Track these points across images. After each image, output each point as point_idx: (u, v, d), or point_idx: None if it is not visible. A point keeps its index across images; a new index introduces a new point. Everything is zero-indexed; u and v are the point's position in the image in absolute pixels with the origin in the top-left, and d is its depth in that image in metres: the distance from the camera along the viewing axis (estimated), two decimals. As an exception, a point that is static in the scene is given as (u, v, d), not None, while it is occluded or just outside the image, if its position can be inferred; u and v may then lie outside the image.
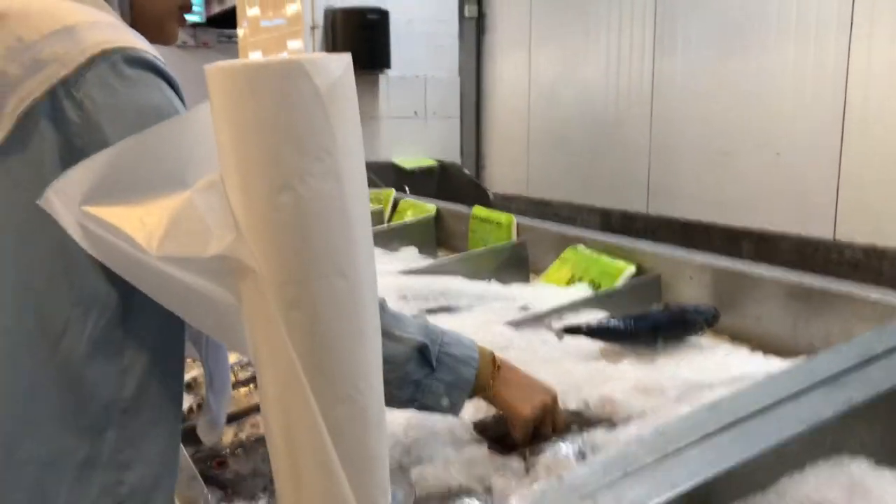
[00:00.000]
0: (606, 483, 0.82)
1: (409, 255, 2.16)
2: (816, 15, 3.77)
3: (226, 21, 10.39)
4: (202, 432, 0.91)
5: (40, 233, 0.67)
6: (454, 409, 0.97)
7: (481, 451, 0.99)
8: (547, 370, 1.18)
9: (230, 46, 11.40)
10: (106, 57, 0.68)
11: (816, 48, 3.79)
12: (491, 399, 1.01)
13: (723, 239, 4.36)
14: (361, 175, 0.57)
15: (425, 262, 2.02)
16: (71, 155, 0.67)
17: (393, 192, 2.71)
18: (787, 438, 0.89)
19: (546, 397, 1.02)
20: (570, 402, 1.13)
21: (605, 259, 1.73)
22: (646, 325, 1.32)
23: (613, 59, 5.05)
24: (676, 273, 1.62)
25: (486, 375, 0.99)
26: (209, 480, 1.06)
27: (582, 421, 1.06)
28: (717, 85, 4.37)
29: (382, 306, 0.92)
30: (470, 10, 6.56)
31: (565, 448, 0.98)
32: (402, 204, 2.59)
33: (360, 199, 0.57)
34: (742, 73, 4.23)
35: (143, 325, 0.73)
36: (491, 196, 3.97)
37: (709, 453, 0.87)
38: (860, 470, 0.90)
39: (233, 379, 1.36)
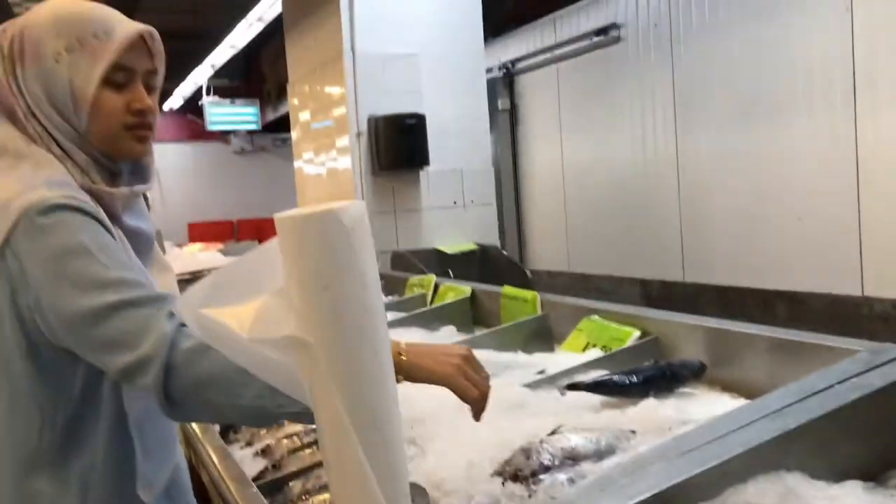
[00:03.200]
0: (586, 498, 1.07)
1: (447, 334, 2.43)
2: (822, 89, 4.03)
3: (279, 126, 11.17)
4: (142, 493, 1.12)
5: (13, 361, 1.01)
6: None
7: (495, 484, 1.25)
8: (554, 420, 1.44)
9: (284, 149, 12.17)
10: (25, 216, 0.98)
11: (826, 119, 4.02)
12: (409, 373, 1.08)
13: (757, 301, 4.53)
14: (376, 277, 0.87)
15: (461, 338, 2.30)
16: (14, 292, 0.99)
17: (434, 278, 3.00)
18: (729, 458, 1.12)
19: (459, 354, 1.11)
20: (571, 444, 1.38)
21: (614, 326, 1.98)
22: (638, 378, 1.57)
23: (639, 139, 5.38)
24: (674, 334, 1.86)
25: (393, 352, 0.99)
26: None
27: (576, 456, 1.31)
28: (738, 157, 4.63)
29: None
30: (503, 104, 7.04)
31: (561, 477, 1.24)
32: (442, 288, 2.88)
33: (376, 293, 0.86)
34: (758, 145, 4.49)
35: (96, 417, 1.06)
36: (529, 274, 4.24)
37: (667, 471, 1.11)
38: (794, 481, 1.13)
39: (299, 443, 1.64)
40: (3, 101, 1.08)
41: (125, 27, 1.08)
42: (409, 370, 1.08)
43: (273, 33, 8.37)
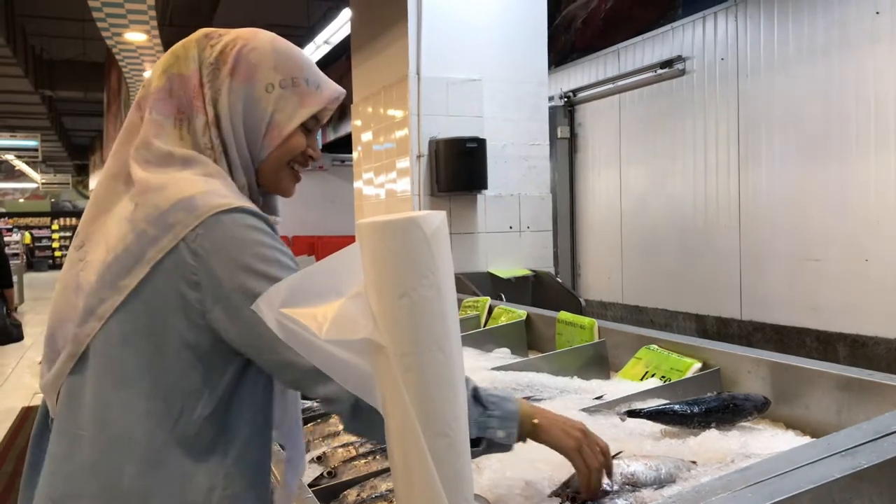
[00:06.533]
0: (646, 524, 1.06)
1: (502, 355, 2.43)
2: (893, 127, 3.93)
3: (338, 146, 11.36)
4: (278, 501, 1.19)
5: (167, 348, 1.02)
6: (510, 438, 1.11)
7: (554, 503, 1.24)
8: (613, 446, 1.42)
9: (342, 169, 12.37)
10: (212, 216, 1.01)
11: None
12: (538, 435, 1.15)
13: (818, 343, 4.40)
14: (452, 286, 0.88)
15: (515, 360, 2.29)
16: (188, 286, 1.01)
17: (488, 300, 3.01)
18: (798, 493, 1.10)
19: (579, 427, 1.19)
20: (630, 469, 1.36)
21: (674, 356, 1.96)
22: (700, 409, 1.54)
23: (700, 172, 5.31)
24: (736, 367, 1.83)
25: (528, 413, 1.15)
26: (338, 528, 1.35)
27: (636, 482, 1.29)
28: (803, 194, 4.53)
29: None
30: (563, 132, 7.05)
31: (620, 503, 1.22)
32: (496, 310, 2.89)
33: (451, 301, 0.88)
34: (824, 183, 4.39)
35: (238, 415, 1.06)
36: (583, 303, 4.20)
37: (731, 503, 1.09)
38: (864, 522, 1.09)
39: (354, 452, 1.66)
40: (185, 101, 1.10)
41: (331, 85, 1.17)
42: (538, 435, 1.15)
43: (337, 55, 8.56)
